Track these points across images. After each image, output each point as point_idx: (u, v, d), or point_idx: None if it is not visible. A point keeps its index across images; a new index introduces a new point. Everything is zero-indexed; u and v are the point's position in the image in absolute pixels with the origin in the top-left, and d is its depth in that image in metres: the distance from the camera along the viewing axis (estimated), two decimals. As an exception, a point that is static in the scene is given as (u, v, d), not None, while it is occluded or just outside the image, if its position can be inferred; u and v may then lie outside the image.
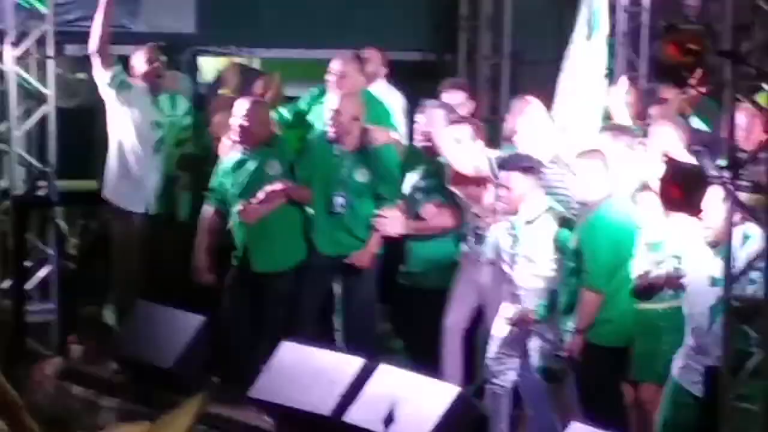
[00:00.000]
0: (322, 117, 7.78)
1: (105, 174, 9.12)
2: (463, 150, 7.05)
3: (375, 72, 8.64)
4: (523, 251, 6.49)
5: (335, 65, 7.95)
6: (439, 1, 11.81)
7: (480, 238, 6.92)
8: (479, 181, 6.98)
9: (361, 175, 7.53)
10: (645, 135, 6.94)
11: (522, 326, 6.59)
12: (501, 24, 11.22)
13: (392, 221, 7.33)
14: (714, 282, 5.18)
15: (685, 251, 5.56)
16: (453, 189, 7.16)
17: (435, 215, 7.31)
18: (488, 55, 11.15)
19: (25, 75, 9.20)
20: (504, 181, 6.52)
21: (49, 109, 9.23)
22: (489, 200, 6.93)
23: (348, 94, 7.71)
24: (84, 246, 10.49)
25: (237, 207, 7.62)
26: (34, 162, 9.32)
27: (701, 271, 5.37)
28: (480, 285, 7.15)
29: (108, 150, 8.99)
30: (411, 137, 8.00)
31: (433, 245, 7.39)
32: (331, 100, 7.82)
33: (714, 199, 5.22)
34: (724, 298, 4.77)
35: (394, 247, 7.49)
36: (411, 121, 8.05)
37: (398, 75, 9.21)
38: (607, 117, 7.57)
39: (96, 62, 8.91)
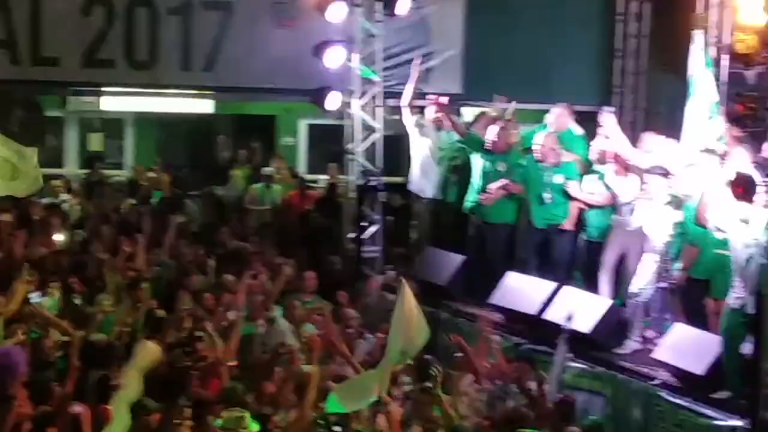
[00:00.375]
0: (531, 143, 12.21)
1: (409, 174, 14.42)
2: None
3: (570, 117, 12.63)
4: (656, 222, 10.23)
5: (553, 113, 12.50)
6: (599, 76, 15.71)
7: (627, 212, 10.87)
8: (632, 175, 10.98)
9: (557, 179, 11.84)
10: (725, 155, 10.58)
11: (657, 266, 10.26)
12: (639, 89, 15.16)
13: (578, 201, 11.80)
14: (747, 244, 8.63)
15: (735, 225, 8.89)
16: (611, 182, 11.19)
17: (599, 196, 11.54)
18: (630, 108, 15.26)
19: (365, 116, 14.85)
20: (647, 179, 10.37)
21: (377, 136, 14.88)
22: (635, 189, 10.78)
23: (554, 132, 12.13)
24: (395, 214, 15.75)
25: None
26: (369, 166, 14.77)
27: (742, 237, 8.73)
28: (625, 240, 11.07)
29: (411, 160, 14.28)
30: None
31: (598, 213, 11.57)
32: (541, 135, 12.21)
33: (759, 196, 8.63)
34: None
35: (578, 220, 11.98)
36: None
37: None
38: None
39: (405, 111, 14.04)
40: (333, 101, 14.47)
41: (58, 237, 13.29)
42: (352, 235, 14.65)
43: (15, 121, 16.42)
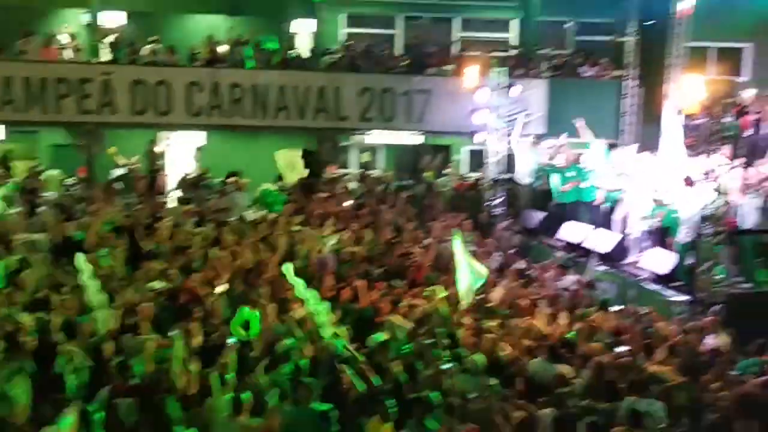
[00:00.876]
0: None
1: (516, 172, 18.01)
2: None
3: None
4: (644, 199, 13.62)
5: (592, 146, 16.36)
6: (614, 124, 19.48)
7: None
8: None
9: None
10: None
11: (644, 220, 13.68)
12: (635, 132, 18.61)
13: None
14: (691, 211, 12.24)
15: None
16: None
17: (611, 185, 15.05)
18: (630, 141, 18.06)
19: (495, 145, 17.93)
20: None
21: (501, 155, 18.10)
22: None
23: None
24: (509, 193, 18.33)
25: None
26: (496, 169, 18.19)
27: (689, 207, 12.32)
28: (625, 207, 14.48)
29: (517, 166, 17.88)
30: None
31: (611, 194, 15.01)
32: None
33: (696, 187, 12.78)
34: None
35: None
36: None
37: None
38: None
39: (514, 142, 17.77)
40: (479, 137, 18.89)
41: (348, 202, 17.05)
42: (489, 203, 18.47)
43: (328, 149, 20.33)
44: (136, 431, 7.10)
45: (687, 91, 15.07)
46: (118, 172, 18.81)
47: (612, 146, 17.15)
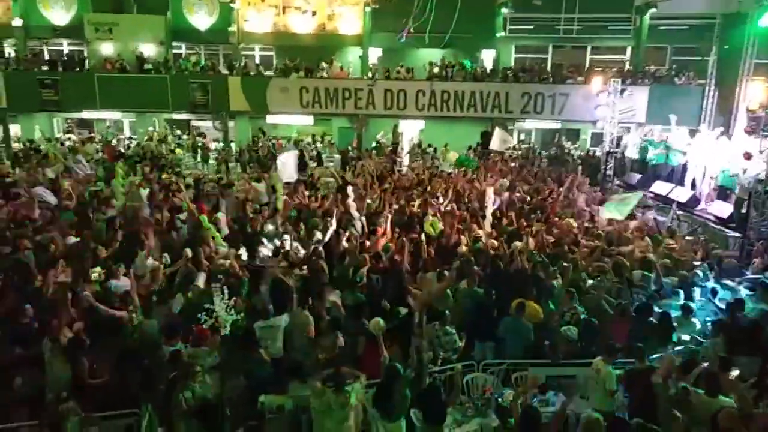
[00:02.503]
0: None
1: (624, 148, 17.33)
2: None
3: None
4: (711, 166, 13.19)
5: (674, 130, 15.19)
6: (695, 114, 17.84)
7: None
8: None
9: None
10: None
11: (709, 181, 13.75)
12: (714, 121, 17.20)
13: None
14: (746, 177, 11.59)
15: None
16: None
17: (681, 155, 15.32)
18: (714, 126, 16.54)
19: (611, 129, 16.87)
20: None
21: (614, 135, 16.79)
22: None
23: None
24: (617, 162, 16.88)
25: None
26: (610, 145, 16.85)
27: (744, 174, 11.65)
28: (695, 169, 13.86)
29: (626, 144, 17.30)
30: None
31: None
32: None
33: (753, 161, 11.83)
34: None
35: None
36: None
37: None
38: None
39: (632, 129, 17.47)
40: (599, 124, 18.54)
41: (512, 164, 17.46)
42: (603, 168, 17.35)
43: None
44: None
45: (751, 93, 14.59)
46: (373, 144, 20.53)
47: (693, 131, 16.21)
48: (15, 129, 21.28)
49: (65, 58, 21.21)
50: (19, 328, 5.69)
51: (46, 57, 21.98)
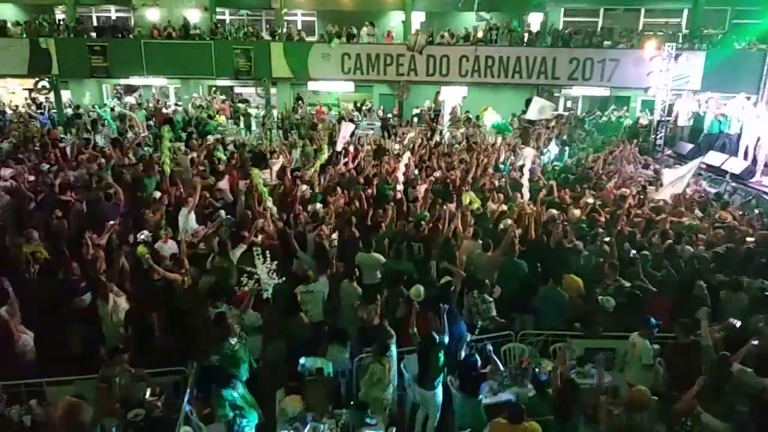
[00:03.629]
0: None
1: (674, 113, 16.69)
2: None
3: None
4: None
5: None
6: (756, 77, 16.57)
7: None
8: None
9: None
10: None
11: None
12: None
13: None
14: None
15: None
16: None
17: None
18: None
19: (662, 95, 16.33)
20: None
21: (666, 102, 16.34)
22: None
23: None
24: (670, 130, 16.53)
25: None
26: (660, 112, 16.45)
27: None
28: (749, 138, 13.30)
29: (677, 111, 16.57)
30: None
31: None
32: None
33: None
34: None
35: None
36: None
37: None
38: None
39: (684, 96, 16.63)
40: (651, 91, 17.84)
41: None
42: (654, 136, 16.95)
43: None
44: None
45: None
46: (415, 111, 20.41)
47: (749, 98, 15.26)
48: (66, 95, 21.82)
49: (113, 24, 21.63)
50: (71, 285, 5.97)
51: (95, 23, 22.39)
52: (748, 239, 7.99)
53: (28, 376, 4.98)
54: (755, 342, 5.10)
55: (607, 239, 7.52)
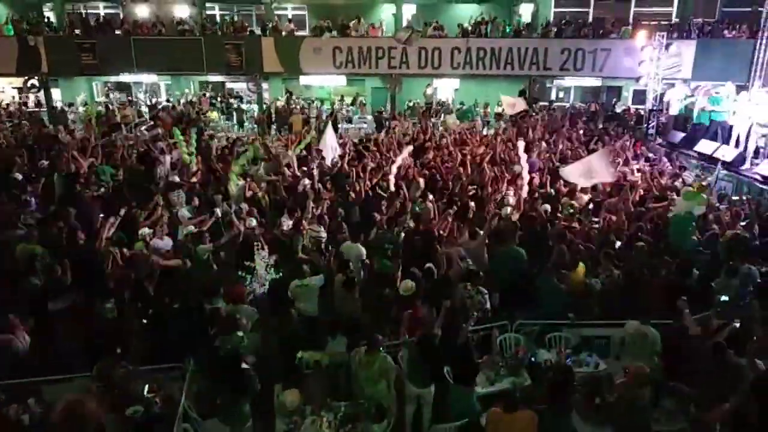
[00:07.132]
0: None
1: (665, 104, 16.79)
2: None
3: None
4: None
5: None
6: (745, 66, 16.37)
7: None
8: None
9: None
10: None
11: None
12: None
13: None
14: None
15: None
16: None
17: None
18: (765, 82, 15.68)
19: (654, 85, 16.64)
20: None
21: (657, 92, 16.62)
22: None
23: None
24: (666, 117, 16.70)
25: None
26: (653, 102, 16.71)
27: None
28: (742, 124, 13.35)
29: (667, 100, 16.61)
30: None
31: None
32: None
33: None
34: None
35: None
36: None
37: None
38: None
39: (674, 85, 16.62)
40: (642, 81, 17.79)
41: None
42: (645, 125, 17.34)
43: (536, 89, 20.20)
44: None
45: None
46: (410, 104, 20.38)
47: (740, 87, 15.38)
48: (56, 94, 21.71)
49: (101, 21, 21.43)
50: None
51: (83, 20, 22.18)
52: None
53: (25, 375, 4.95)
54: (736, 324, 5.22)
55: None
